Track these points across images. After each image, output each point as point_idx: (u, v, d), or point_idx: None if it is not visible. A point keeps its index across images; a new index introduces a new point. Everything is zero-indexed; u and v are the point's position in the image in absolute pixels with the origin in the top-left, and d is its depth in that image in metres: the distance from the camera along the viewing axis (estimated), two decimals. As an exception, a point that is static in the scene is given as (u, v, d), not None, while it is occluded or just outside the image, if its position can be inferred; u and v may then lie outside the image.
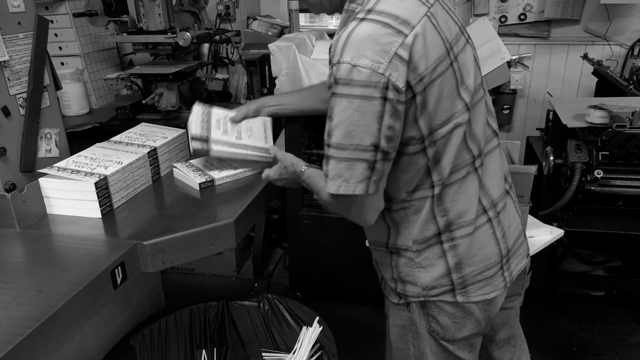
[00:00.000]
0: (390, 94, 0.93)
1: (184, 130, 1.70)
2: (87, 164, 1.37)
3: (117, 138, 1.60)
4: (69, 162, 1.39)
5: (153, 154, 1.52)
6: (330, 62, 1.01)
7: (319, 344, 1.53)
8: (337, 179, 1.01)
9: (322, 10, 1.16)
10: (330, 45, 1.03)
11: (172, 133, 1.66)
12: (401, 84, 0.93)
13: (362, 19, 0.95)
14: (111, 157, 1.42)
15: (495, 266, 1.13)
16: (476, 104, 1.08)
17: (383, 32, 0.93)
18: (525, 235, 1.25)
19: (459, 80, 1.02)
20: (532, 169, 1.62)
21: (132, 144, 1.55)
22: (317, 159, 2.57)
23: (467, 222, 1.10)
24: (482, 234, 1.11)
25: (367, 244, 1.31)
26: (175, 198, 1.48)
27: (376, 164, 0.98)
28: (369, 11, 0.96)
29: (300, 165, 1.27)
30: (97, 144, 1.54)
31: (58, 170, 1.33)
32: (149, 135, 1.62)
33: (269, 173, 1.34)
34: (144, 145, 1.53)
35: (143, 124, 1.75)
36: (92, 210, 1.30)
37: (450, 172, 1.06)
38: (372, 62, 0.92)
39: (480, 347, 1.31)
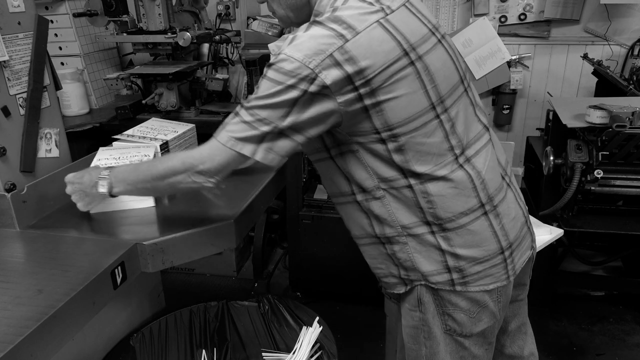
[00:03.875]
0: (313, 88, 0.98)
1: (194, 125, 1.77)
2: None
3: (129, 132, 1.65)
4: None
5: (165, 147, 1.57)
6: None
7: (319, 344, 1.53)
8: (231, 134, 1.06)
9: (290, 23, 1.20)
10: None
11: (182, 127, 1.71)
12: (329, 82, 0.97)
13: (313, 22, 1.02)
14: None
15: (496, 257, 1.13)
16: (456, 101, 1.10)
17: (325, 34, 0.99)
18: (529, 227, 1.24)
19: (425, 80, 1.04)
20: (519, 170, 1.64)
21: (144, 137, 1.61)
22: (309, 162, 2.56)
23: (458, 216, 1.10)
24: (477, 227, 1.11)
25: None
26: (175, 198, 1.48)
27: (267, 135, 1.03)
28: (323, 17, 1.02)
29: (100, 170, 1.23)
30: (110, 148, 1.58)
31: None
32: (160, 130, 1.68)
33: (69, 175, 1.30)
34: (155, 139, 1.58)
35: (154, 118, 1.80)
36: None
37: (427, 168, 1.07)
38: (304, 56, 0.97)
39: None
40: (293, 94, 0.99)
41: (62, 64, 2.82)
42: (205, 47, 2.87)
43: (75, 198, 1.30)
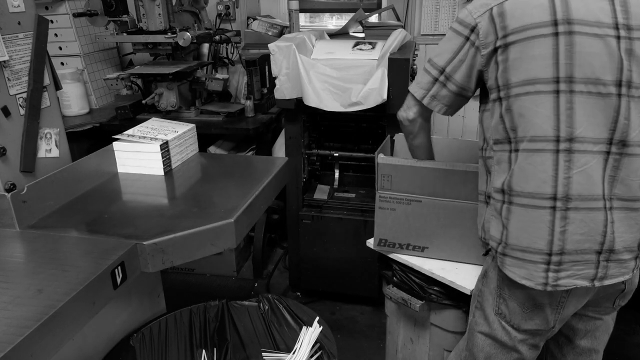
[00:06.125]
0: (473, 37, 1.17)
1: (194, 124, 1.78)
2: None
3: (129, 132, 1.65)
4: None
5: (165, 147, 1.59)
6: None
7: (319, 344, 1.53)
8: (415, 80, 1.33)
9: None
10: None
11: (182, 127, 1.71)
12: (482, 33, 1.15)
13: None
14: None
15: (538, 255, 1.11)
16: (595, 95, 1.07)
17: None
18: (599, 262, 1.12)
19: (561, 52, 1.07)
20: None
21: (144, 137, 1.61)
22: (317, 159, 2.57)
23: (527, 195, 1.11)
24: (536, 216, 1.10)
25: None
26: (178, 195, 1.48)
27: (436, 83, 1.27)
28: None
29: None
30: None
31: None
32: (160, 129, 1.68)
33: None
34: (155, 139, 1.59)
35: (154, 118, 1.80)
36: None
37: (524, 135, 1.11)
38: (473, 7, 1.17)
39: (555, 348, 1.35)
40: (459, 40, 1.19)
41: (62, 64, 2.83)
42: (205, 47, 2.87)
43: None
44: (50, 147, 1.50)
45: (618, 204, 1.11)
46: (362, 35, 2.71)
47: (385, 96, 2.00)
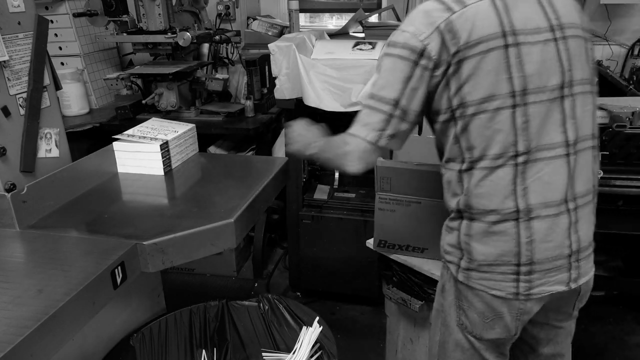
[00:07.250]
0: (423, 61, 1.06)
1: (194, 124, 1.77)
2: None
3: (129, 132, 1.65)
4: None
5: (165, 147, 1.59)
6: None
7: (319, 344, 1.53)
8: (360, 122, 1.14)
9: None
10: None
11: (182, 127, 1.71)
12: (434, 54, 1.05)
13: None
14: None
15: (506, 266, 1.10)
16: (543, 102, 1.06)
17: (436, 8, 1.07)
18: (571, 264, 1.13)
19: (513, 65, 1.04)
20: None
21: (144, 137, 1.61)
22: (309, 162, 2.57)
23: (489, 212, 1.09)
24: (502, 230, 1.09)
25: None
26: (178, 195, 1.48)
27: (392, 119, 1.11)
28: None
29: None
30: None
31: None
32: (160, 130, 1.68)
33: (293, 125, 1.38)
34: (155, 139, 1.59)
35: (154, 118, 1.80)
36: None
37: (482, 154, 1.07)
38: (416, 29, 1.06)
39: (521, 356, 1.33)
40: (406, 67, 1.07)
41: (62, 64, 2.83)
42: (205, 47, 2.87)
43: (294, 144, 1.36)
44: (50, 147, 1.50)
45: (582, 201, 1.12)
46: (362, 35, 2.70)
47: (385, 96, 1.99)
